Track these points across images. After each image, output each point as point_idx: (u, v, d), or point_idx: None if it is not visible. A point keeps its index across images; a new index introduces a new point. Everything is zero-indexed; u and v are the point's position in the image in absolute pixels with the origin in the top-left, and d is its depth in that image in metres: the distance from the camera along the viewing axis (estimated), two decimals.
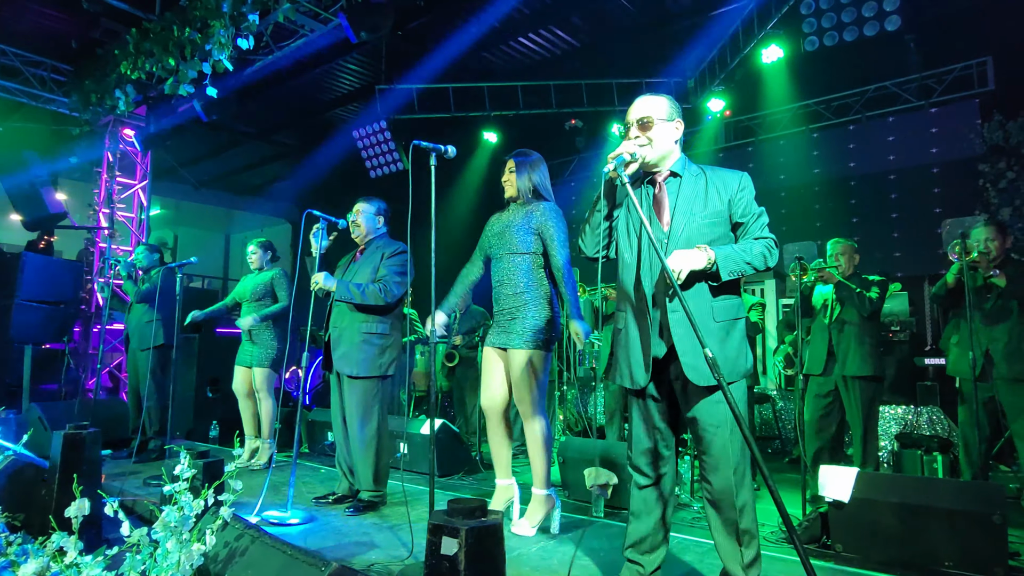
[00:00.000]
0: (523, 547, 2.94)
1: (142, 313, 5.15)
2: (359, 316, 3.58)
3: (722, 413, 2.10)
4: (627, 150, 2.15)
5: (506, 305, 3.16)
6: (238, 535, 2.00)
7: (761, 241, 2.17)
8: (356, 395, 3.56)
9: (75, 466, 3.17)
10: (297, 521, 3.31)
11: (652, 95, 2.34)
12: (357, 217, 3.75)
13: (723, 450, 2.10)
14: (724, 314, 2.17)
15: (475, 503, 1.52)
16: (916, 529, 2.94)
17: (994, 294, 3.89)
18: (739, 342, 2.18)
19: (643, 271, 2.23)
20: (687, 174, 2.28)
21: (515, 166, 3.28)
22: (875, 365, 4.21)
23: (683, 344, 2.13)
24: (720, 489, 2.13)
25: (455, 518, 1.46)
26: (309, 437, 6.18)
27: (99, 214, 7.59)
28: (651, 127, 2.24)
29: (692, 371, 2.11)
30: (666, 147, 2.28)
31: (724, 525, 2.14)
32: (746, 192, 2.23)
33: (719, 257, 2.07)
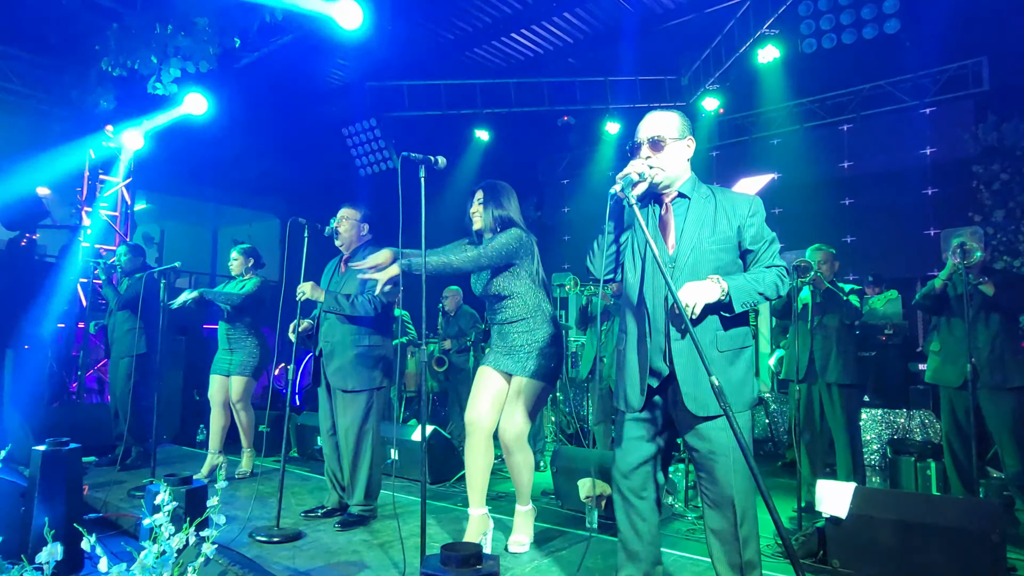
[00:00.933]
0: (517, 566, 2.88)
1: (124, 320, 5.01)
2: (351, 329, 3.49)
3: (723, 442, 2.04)
4: (636, 170, 2.07)
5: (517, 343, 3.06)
6: (222, 572, 1.92)
7: (773, 270, 2.11)
8: (351, 409, 3.48)
9: (55, 485, 3.08)
10: (285, 539, 3.22)
11: (664, 111, 2.26)
12: (340, 225, 3.63)
13: (724, 479, 2.05)
14: (729, 343, 2.10)
15: (470, 549, 1.45)
16: (914, 546, 2.90)
17: (976, 302, 3.87)
18: (744, 371, 2.11)
19: (646, 293, 2.17)
20: (696, 196, 2.20)
21: (484, 198, 3.16)
22: (856, 372, 4.24)
23: (684, 372, 2.07)
24: (720, 521, 2.07)
25: (449, 567, 1.39)
26: (298, 442, 6.09)
27: (81, 212, 7.43)
28: (663, 146, 2.16)
29: (692, 401, 2.05)
30: (677, 167, 2.20)
31: (726, 555, 2.08)
32: (757, 218, 2.15)
33: (732, 289, 2.00)
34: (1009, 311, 3.89)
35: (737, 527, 2.04)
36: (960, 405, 3.94)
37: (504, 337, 3.10)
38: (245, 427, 4.76)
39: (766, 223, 2.19)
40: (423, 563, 1.46)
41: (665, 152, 2.16)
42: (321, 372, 3.58)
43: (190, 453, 5.83)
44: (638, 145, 2.21)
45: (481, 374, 3.17)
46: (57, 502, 3.07)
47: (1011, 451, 3.81)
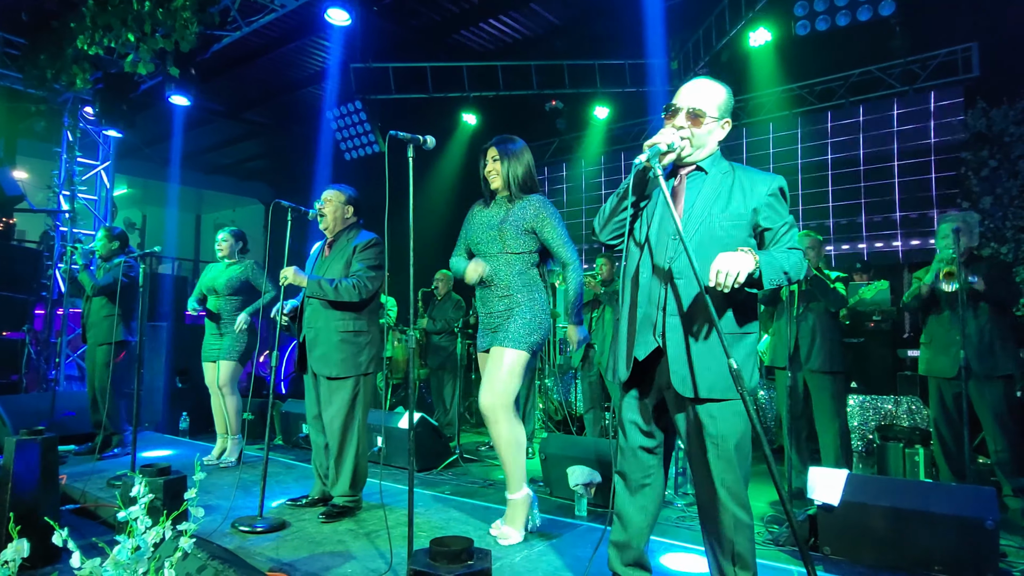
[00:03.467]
0: (506, 556, 2.83)
1: (100, 306, 4.88)
2: (335, 315, 3.39)
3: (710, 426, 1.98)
4: (665, 140, 1.94)
5: (496, 308, 2.99)
6: (200, 566, 1.85)
7: (796, 252, 1.98)
8: (336, 397, 3.39)
9: (30, 475, 2.99)
10: (268, 528, 3.15)
11: (712, 82, 2.10)
12: (324, 207, 3.52)
13: (712, 466, 1.98)
14: (731, 326, 2.00)
15: (460, 544, 1.39)
16: (906, 533, 2.89)
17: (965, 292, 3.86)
18: (744, 357, 1.99)
19: (643, 265, 2.08)
20: (714, 171, 2.09)
21: (499, 155, 3.04)
22: (840, 360, 4.25)
23: (674, 350, 1.99)
24: (709, 510, 2.02)
25: (439, 563, 1.33)
26: (284, 429, 6.02)
27: (59, 196, 7.23)
28: (700, 123, 2.04)
29: (679, 380, 1.97)
30: (707, 146, 2.09)
31: (716, 544, 2.03)
32: (776, 197, 2.03)
33: (762, 263, 1.84)
34: (999, 303, 3.88)
35: (721, 515, 1.98)
36: (948, 392, 3.94)
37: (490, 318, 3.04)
38: (231, 413, 4.68)
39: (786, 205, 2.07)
40: (411, 559, 1.39)
41: (701, 128, 2.04)
42: (306, 359, 3.50)
43: (173, 440, 5.73)
44: (675, 110, 2.06)
45: (483, 361, 3.10)
46: (32, 493, 2.99)
47: (998, 437, 3.82)
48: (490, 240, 3.04)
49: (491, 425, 2.95)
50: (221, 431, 4.77)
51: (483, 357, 3.09)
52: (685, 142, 2.01)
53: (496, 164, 3.05)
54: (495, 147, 3.07)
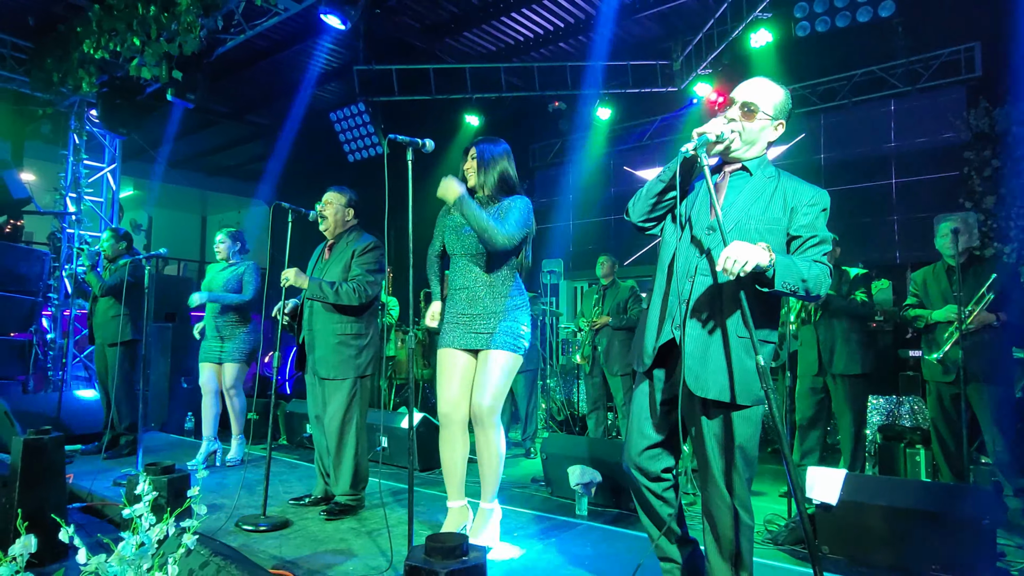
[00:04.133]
0: (507, 556, 2.86)
1: (107, 307, 4.93)
2: (333, 317, 3.43)
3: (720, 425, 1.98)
4: (715, 130, 1.92)
5: (485, 309, 2.86)
6: (203, 563, 1.88)
7: (819, 266, 1.88)
8: (335, 397, 3.43)
9: (37, 474, 3.03)
10: (271, 527, 3.18)
11: (772, 82, 2.07)
12: (325, 209, 3.55)
13: (715, 463, 2.00)
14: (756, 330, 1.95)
15: (456, 540, 1.42)
16: (904, 532, 2.91)
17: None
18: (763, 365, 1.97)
19: (678, 257, 2.05)
20: (759, 173, 2.05)
21: (477, 154, 2.97)
22: (863, 362, 4.24)
23: (691, 345, 1.95)
24: (709, 505, 2.04)
25: (434, 558, 1.36)
26: (287, 429, 6.06)
27: (66, 199, 7.30)
28: (754, 117, 2.00)
29: (693, 378, 1.94)
30: (757, 144, 2.05)
31: (716, 542, 2.05)
32: (815, 208, 1.97)
33: (778, 264, 1.77)
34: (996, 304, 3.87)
35: (728, 516, 1.99)
36: (947, 394, 3.95)
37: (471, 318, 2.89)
38: (236, 414, 4.72)
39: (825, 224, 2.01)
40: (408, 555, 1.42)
41: (753, 123, 2.00)
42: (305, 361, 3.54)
43: (178, 441, 5.78)
44: (732, 101, 2.05)
45: (447, 359, 2.93)
46: (39, 491, 3.03)
47: (997, 438, 3.82)
48: (460, 241, 2.94)
49: (482, 430, 2.84)
50: (208, 434, 4.71)
51: (451, 353, 2.92)
52: (735, 135, 1.99)
53: (473, 163, 2.99)
54: (475, 147, 3.01)
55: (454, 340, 2.91)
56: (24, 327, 6.52)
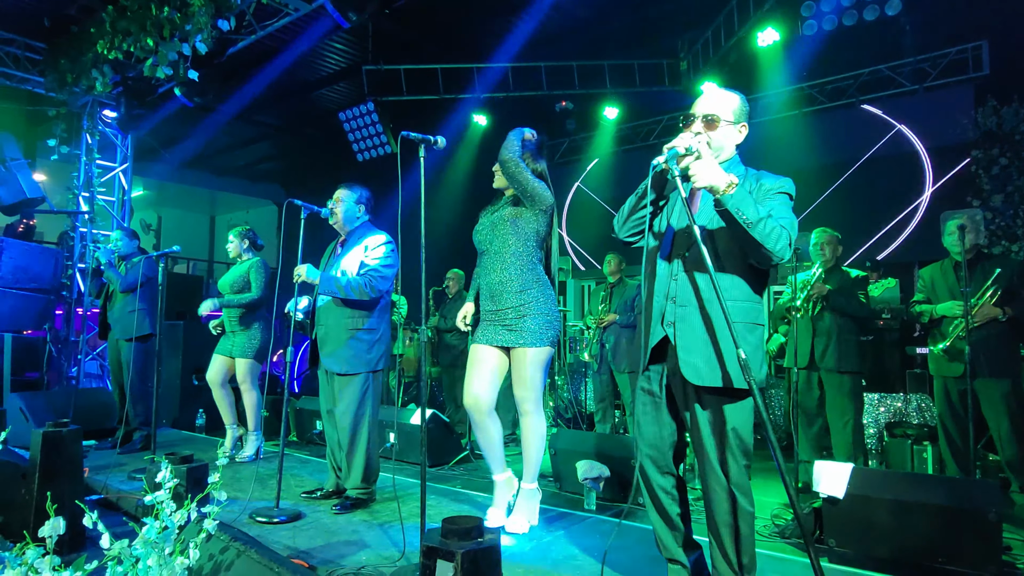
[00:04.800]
0: (517, 545, 2.90)
1: (125, 302, 5.01)
2: (345, 312, 3.48)
3: (715, 414, 2.05)
4: (683, 143, 2.02)
5: (511, 303, 3.04)
6: (223, 547, 1.93)
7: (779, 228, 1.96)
8: (346, 392, 3.48)
9: (55, 466, 3.09)
10: (285, 519, 3.24)
11: (726, 90, 2.22)
12: (336, 206, 3.61)
13: (712, 452, 2.05)
14: (741, 315, 2.05)
15: (471, 522, 1.46)
16: (910, 525, 2.92)
17: None
18: (754, 349, 2.06)
19: (659, 260, 2.19)
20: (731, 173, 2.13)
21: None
22: (858, 359, 4.28)
23: (684, 338, 2.07)
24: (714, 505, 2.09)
25: (450, 540, 1.40)
26: (298, 426, 6.12)
27: (79, 198, 7.39)
28: (716, 126, 2.15)
29: (688, 368, 2.05)
30: (725, 150, 2.19)
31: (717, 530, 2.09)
32: (776, 192, 2.10)
33: (739, 191, 1.91)
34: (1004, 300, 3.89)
35: (727, 502, 2.04)
36: (955, 390, 3.97)
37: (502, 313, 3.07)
38: (250, 410, 4.78)
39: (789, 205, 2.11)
40: (424, 536, 1.47)
41: (716, 132, 2.14)
42: (318, 356, 3.59)
43: (189, 437, 5.85)
44: (692, 118, 2.18)
45: (478, 354, 3.13)
46: (58, 483, 3.09)
47: (1006, 434, 3.85)
48: (494, 237, 3.11)
49: (526, 418, 3.08)
50: (229, 422, 4.84)
51: (484, 349, 3.12)
52: (703, 145, 2.07)
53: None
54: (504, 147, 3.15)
55: (484, 337, 3.12)
56: (38, 325, 6.60)
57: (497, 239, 3.10)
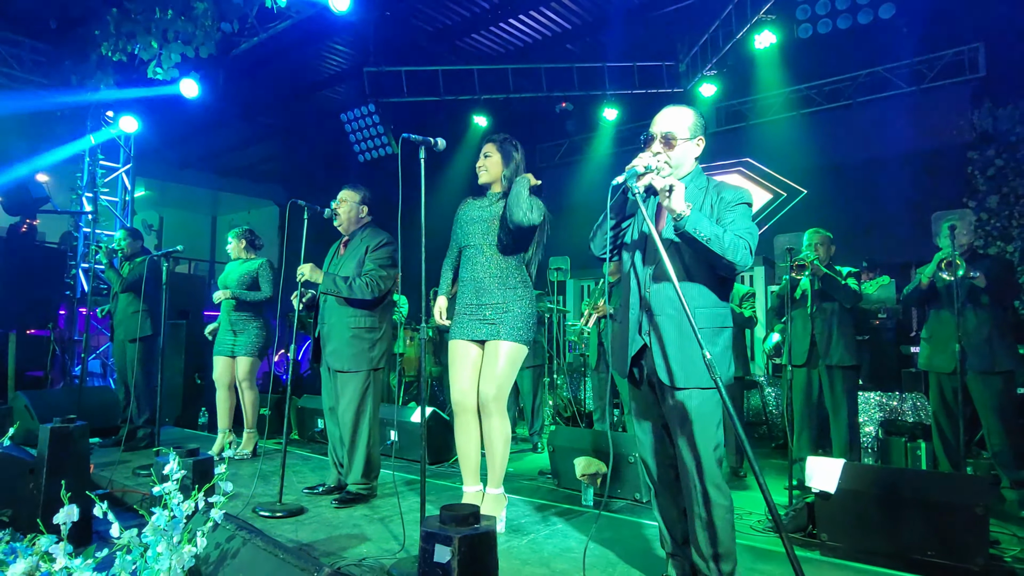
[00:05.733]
0: (511, 539, 2.96)
1: (128, 303, 5.07)
2: (347, 311, 3.55)
3: (688, 411, 2.14)
4: (642, 163, 2.12)
5: (493, 300, 2.99)
6: (229, 536, 1.99)
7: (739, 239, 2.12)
8: (347, 389, 3.54)
9: (63, 461, 3.15)
10: (287, 513, 3.30)
11: (679, 107, 2.35)
12: (339, 207, 3.68)
13: (686, 447, 2.15)
14: (709, 321, 2.19)
15: (468, 509, 1.52)
16: (900, 520, 2.98)
17: (965, 289, 3.94)
18: (722, 351, 2.20)
19: (634, 273, 2.32)
20: (692, 187, 2.29)
21: (495, 150, 3.12)
22: (855, 354, 4.33)
23: (657, 345, 2.20)
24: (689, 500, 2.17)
25: (448, 525, 1.46)
26: (299, 424, 6.18)
27: (82, 198, 7.46)
28: (674, 145, 2.27)
29: (663, 372, 2.18)
30: (684, 165, 2.31)
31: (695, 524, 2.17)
32: (736, 204, 2.22)
33: (694, 211, 2.06)
34: (997, 296, 3.97)
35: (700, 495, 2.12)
36: (948, 386, 4.03)
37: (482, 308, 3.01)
38: (249, 408, 4.82)
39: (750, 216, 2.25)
40: (424, 522, 1.53)
41: (675, 151, 2.27)
42: (320, 354, 3.66)
43: (192, 435, 5.91)
44: (651, 138, 2.30)
45: (458, 350, 3.06)
46: (66, 478, 3.15)
47: (996, 431, 3.90)
48: (480, 232, 3.07)
49: (488, 417, 2.96)
50: (224, 426, 4.84)
51: (461, 344, 3.05)
52: (663, 165, 2.19)
53: (488, 160, 3.13)
54: (492, 142, 3.16)
55: (463, 332, 3.04)
56: (42, 324, 6.67)
57: (485, 234, 3.06)
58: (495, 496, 3.02)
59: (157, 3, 4.93)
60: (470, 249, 3.09)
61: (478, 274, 3.04)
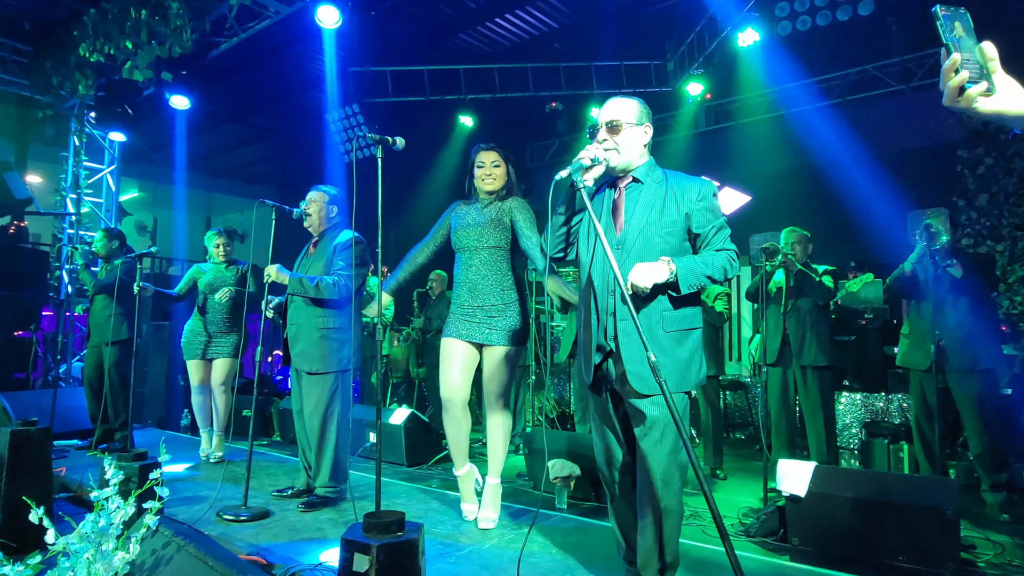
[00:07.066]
0: (477, 543, 2.92)
1: (103, 306, 5.01)
2: (315, 311, 3.50)
3: (654, 417, 2.08)
4: (588, 155, 2.08)
5: (490, 301, 3.11)
6: (165, 543, 1.95)
7: (722, 253, 2.13)
8: (315, 391, 3.50)
9: (23, 464, 3.11)
10: (251, 517, 3.25)
11: (623, 98, 2.30)
12: (309, 207, 3.64)
13: (651, 454, 2.08)
14: (676, 324, 2.13)
15: (392, 516, 1.47)
16: (871, 524, 2.93)
17: (945, 285, 3.88)
18: (691, 353, 2.13)
19: (595, 273, 2.21)
20: (649, 180, 2.23)
21: (502, 160, 3.23)
22: (831, 355, 4.26)
23: (628, 351, 2.11)
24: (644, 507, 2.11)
25: (369, 533, 1.41)
26: (280, 426, 6.14)
27: (66, 199, 7.43)
28: (619, 131, 2.20)
29: (636, 379, 2.08)
30: (633, 152, 2.24)
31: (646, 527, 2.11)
32: (704, 202, 2.17)
33: (680, 270, 2.03)
34: (978, 293, 3.90)
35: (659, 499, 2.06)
36: (929, 387, 3.95)
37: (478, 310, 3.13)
38: (221, 410, 4.77)
39: (719, 208, 2.21)
40: (347, 530, 1.48)
41: (621, 136, 2.20)
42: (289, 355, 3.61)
43: (172, 437, 5.87)
44: (597, 128, 2.25)
45: (451, 347, 3.18)
46: (26, 481, 3.11)
47: (976, 432, 3.82)
48: (477, 236, 3.17)
49: (493, 415, 3.18)
50: (204, 425, 4.84)
51: (456, 343, 3.17)
52: (610, 153, 2.16)
53: (498, 169, 3.23)
54: (496, 152, 3.25)
55: (456, 331, 3.16)
56: (24, 325, 6.64)
57: (480, 237, 3.17)
58: (494, 485, 3.21)
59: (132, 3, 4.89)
60: (465, 253, 3.21)
61: (472, 276, 3.16)
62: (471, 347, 3.17)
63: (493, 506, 3.19)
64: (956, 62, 1.20)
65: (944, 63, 1.20)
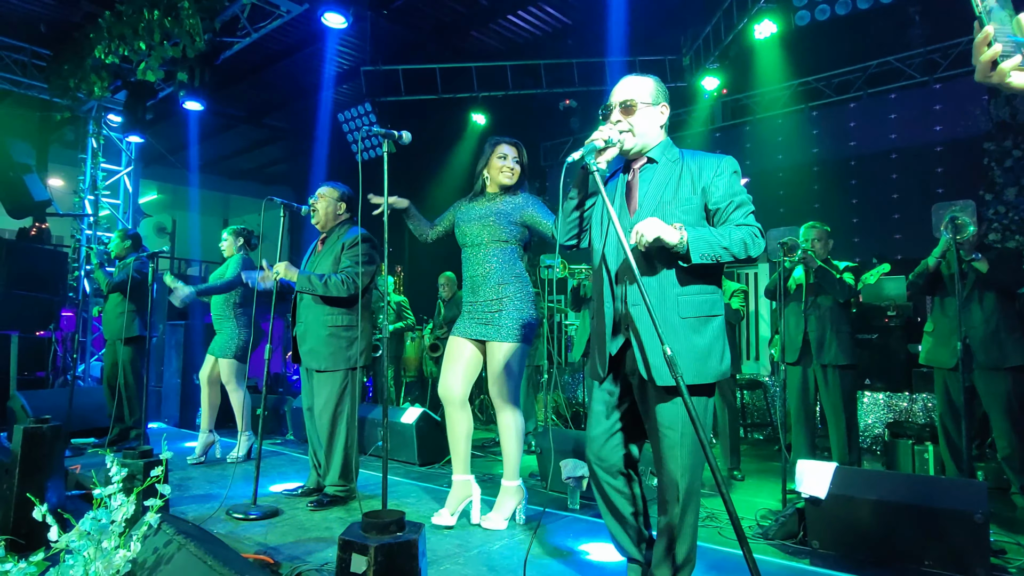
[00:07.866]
0: (485, 544, 2.86)
1: (116, 304, 5.06)
2: (324, 309, 3.47)
3: (676, 414, 1.97)
4: (602, 136, 1.98)
5: (488, 296, 3.08)
6: (167, 541, 1.91)
7: (744, 228, 1.94)
8: (324, 389, 3.47)
9: (36, 461, 3.12)
10: (261, 516, 3.23)
11: (638, 76, 2.17)
12: (317, 203, 3.62)
13: (671, 451, 1.98)
14: (693, 310, 1.98)
15: (392, 516, 1.42)
16: (895, 527, 2.83)
17: (970, 280, 3.75)
18: (710, 341, 1.98)
19: (608, 259, 2.09)
20: (664, 160, 2.11)
21: (519, 155, 3.22)
22: (852, 353, 4.15)
23: (641, 340, 1.98)
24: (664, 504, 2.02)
25: (368, 533, 1.37)
26: (294, 425, 6.14)
27: (84, 201, 7.51)
28: (634, 111, 2.08)
29: (653, 370, 1.95)
30: (649, 133, 2.11)
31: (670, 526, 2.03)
32: (723, 177, 2.02)
33: (691, 237, 1.85)
34: (1004, 288, 3.77)
35: (678, 497, 1.96)
36: (955, 386, 3.83)
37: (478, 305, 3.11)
38: (236, 409, 4.77)
39: (741, 185, 2.07)
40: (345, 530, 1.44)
41: (636, 117, 2.08)
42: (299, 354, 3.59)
43: (187, 435, 5.89)
44: (610, 108, 2.13)
45: (455, 346, 3.16)
46: (38, 478, 3.12)
47: (1005, 432, 3.69)
48: (479, 230, 3.14)
49: (501, 414, 3.09)
50: (205, 427, 4.77)
51: (461, 342, 3.15)
52: (626, 135, 2.05)
53: (518, 165, 3.22)
54: (519, 149, 3.24)
55: (461, 329, 3.15)
56: (44, 325, 6.72)
57: (481, 232, 3.14)
58: (511, 488, 3.11)
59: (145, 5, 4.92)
60: (468, 248, 3.21)
61: (474, 271, 3.14)
62: (475, 345, 3.14)
63: (504, 509, 3.10)
64: (988, 35, 1.14)
65: (976, 36, 1.13)
